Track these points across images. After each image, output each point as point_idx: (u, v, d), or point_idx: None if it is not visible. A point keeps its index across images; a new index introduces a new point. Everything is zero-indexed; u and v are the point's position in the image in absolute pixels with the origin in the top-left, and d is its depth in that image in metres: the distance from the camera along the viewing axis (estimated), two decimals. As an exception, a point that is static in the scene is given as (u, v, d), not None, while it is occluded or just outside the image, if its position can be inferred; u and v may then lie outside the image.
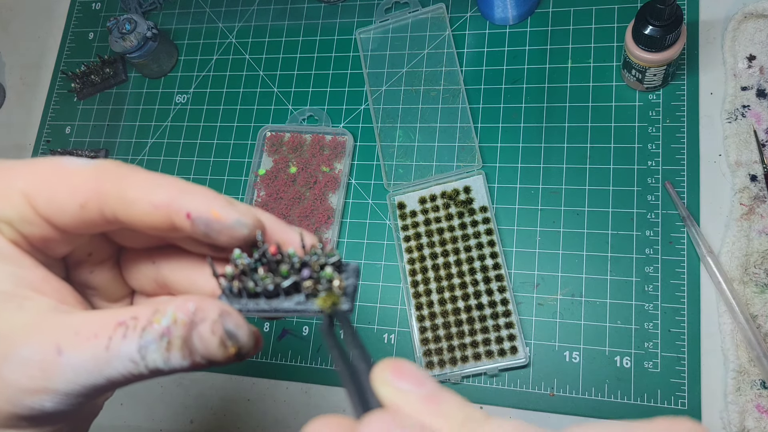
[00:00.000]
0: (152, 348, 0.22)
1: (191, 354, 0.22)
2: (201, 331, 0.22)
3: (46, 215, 0.23)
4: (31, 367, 0.22)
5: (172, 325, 0.22)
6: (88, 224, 0.24)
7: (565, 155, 0.53)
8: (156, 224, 0.23)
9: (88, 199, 0.23)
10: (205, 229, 0.23)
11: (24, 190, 0.23)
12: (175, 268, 0.26)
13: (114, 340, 0.22)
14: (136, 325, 0.22)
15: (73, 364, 0.22)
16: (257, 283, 0.23)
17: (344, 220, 0.56)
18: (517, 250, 0.52)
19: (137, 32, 0.61)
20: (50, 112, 0.69)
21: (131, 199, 0.23)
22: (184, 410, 0.55)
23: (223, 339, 0.21)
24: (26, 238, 0.24)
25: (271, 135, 0.60)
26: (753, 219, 0.48)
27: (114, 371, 0.22)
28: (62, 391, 0.22)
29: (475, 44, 0.58)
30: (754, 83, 0.51)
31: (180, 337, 0.21)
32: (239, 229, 0.23)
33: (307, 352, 0.54)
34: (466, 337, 0.50)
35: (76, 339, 0.22)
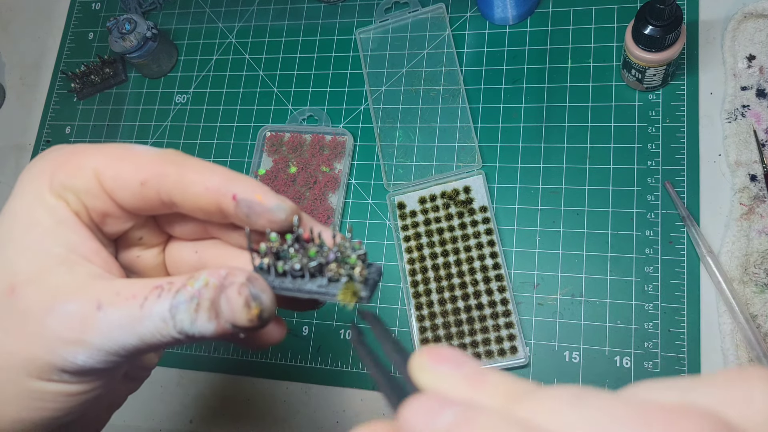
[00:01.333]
0: (182, 308, 0.23)
1: (217, 316, 0.23)
2: (228, 293, 0.23)
3: (110, 189, 0.26)
4: (71, 320, 0.24)
5: (203, 287, 0.24)
6: (145, 202, 0.26)
7: (565, 155, 0.53)
8: (206, 206, 0.25)
9: (148, 178, 0.25)
10: (248, 210, 0.25)
11: (95, 166, 0.26)
12: (215, 259, 0.29)
13: (149, 300, 0.24)
14: (171, 287, 0.24)
15: (108, 320, 0.24)
16: (286, 261, 0.25)
17: (344, 220, 0.56)
18: (517, 250, 0.52)
19: (137, 32, 0.61)
20: (50, 112, 0.69)
21: (188, 181, 0.25)
22: (184, 410, 0.55)
23: (248, 300, 0.23)
24: (89, 210, 0.26)
25: (271, 135, 0.60)
26: (753, 219, 0.48)
27: (145, 330, 0.24)
28: (96, 345, 0.24)
29: (475, 44, 0.58)
30: (753, 83, 0.51)
31: (208, 299, 0.23)
32: (278, 212, 0.25)
33: (306, 351, 0.54)
34: (466, 337, 0.50)
35: (116, 298, 0.24)
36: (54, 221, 0.25)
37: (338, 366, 0.53)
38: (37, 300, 0.24)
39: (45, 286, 0.24)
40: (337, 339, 0.53)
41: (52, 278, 0.24)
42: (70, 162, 0.26)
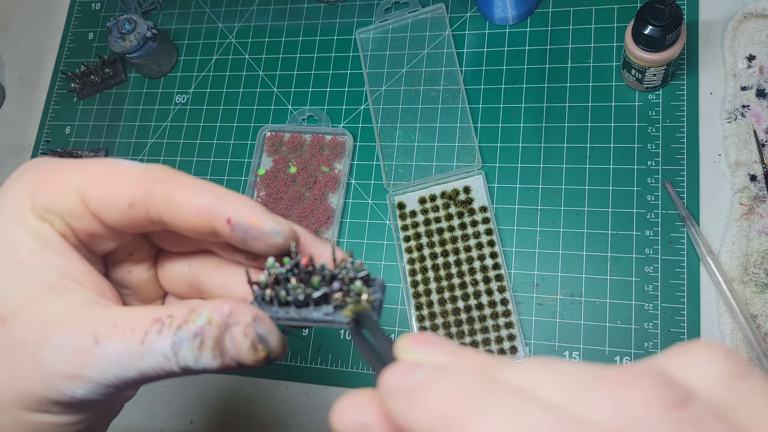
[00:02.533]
0: (185, 346, 0.23)
1: (222, 354, 0.23)
2: (233, 333, 0.23)
3: (96, 211, 0.24)
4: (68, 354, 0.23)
5: (206, 325, 0.23)
6: (134, 223, 0.25)
7: (565, 155, 0.53)
8: (198, 227, 0.24)
9: (136, 199, 0.24)
10: (243, 234, 0.24)
11: (78, 186, 0.24)
12: (210, 273, 0.27)
13: (149, 335, 0.23)
14: (172, 322, 0.23)
15: (108, 355, 0.23)
16: (289, 292, 0.24)
17: (344, 220, 0.56)
18: (517, 250, 0.52)
19: (137, 32, 0.61)
20: (50, 112, 0.69)
21: (177, 201, 0.24)
22: (184, 410, 0.55)
23: (254, 342, 0.23)
24: (75, 232, 0.25)
25: (271, 135, 0.60)
26: (753, 219, 0.48)
27: (146, 365, 0.23)
28: (95, 379, 0.23)
29: (475, 44, 0.58)
30: (753, 83, 0.51)
31: (213, 337, 0.23)
32: (275, 236, 0.24)
33: (306, 352, 0.54)
34: (466, 337, 0.50)
35: (113, 331, 0.23)
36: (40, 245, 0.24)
37: (338, 366, 0.53)
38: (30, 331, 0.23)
39: (37, 315, 0.23)
40: (337, 339, 0.53)
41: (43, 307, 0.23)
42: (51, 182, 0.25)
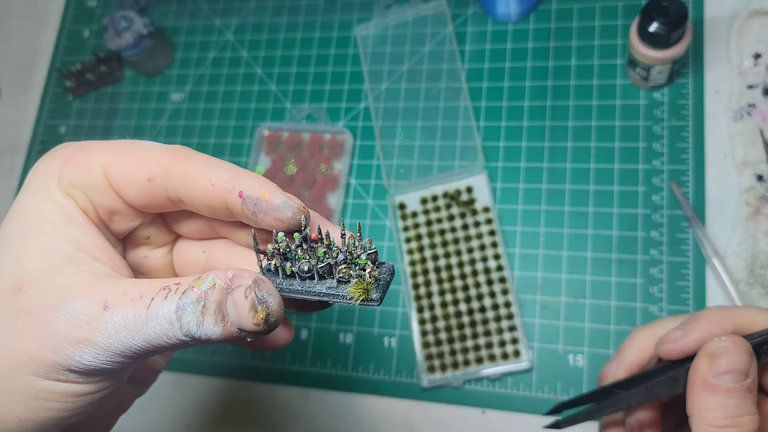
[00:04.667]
0: (189, 310, 0.23)
1: (223, 319, 0.23)
2: (235, 296, 0.23)
3: (117, 186, 0.26)
4: (78, 319, 0.24)
5: (209, 289, 0.23)
6: (152, 199, 0.26)
7: (569, 155, 0.52)
8: (212, 202, 0.25)
9: (155, 174, 0.25)
10: (254, 208, 0.25)
11: (102, 162, 0.26)
12: (223, 258, 0.28)
13: (155, 301, 0.23)
14: (178, 288, 0.24)
15: (115, 321, 0.23)
16: (293, 263, 0.24)
17: (344, 220, 0.55)
18: (520, 252, 0.51)
19: (133, 30, 0.60)
20: (45, 111, 0.68)
21: (193, 177, 0.25)
22: (182, 415, 0.54)
23: (254, 303, 0.23)
24: (96, 208, 0.26)
25: (269, 134, 0.59)
26: (759, 219, 0.47)
27: (151, 331, 0.23)
28: (102, 345, 0.24)
29: (477, 41, 0.57)
30: (760, 81, 0.50)
31: (215, 301, 0.23)
32: (285, 210, 0.25)
33: (306, 355, 0.53)
34: (469, 341, 0.49)
35: (122, 298, 0.24)
36: (62, 219, 0.25)
37: (337, 370, 0.52)
38: (44, 298, 0.24)
39: (52, 284, 0.24)
40: (336, 343, 0.52)
41: (59, 277, 0.24)
42: (78, 158, 0.26)
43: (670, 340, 0.31)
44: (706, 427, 0.27)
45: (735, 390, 0.27)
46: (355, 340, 0.52)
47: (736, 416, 0.27)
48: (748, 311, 0.30)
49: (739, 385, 0.27)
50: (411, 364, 0.50)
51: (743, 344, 0.28)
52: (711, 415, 0.27)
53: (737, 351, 0.28)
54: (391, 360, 0.51)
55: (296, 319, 0.54)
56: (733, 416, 0.27)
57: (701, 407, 0.28)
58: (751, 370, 0.28)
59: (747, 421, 0.27)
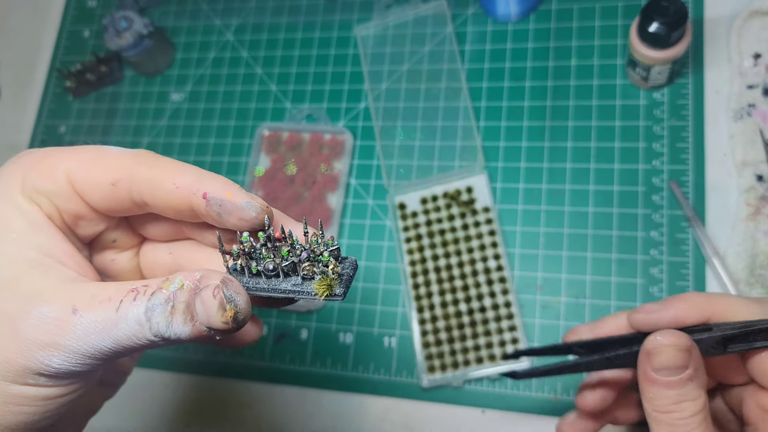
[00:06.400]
0: (158, 311, 0.24)
1: (192, 318, 0.24)
2: (203, 296, 0.24)
3: (81, 191, 0.26)
4: (46, 324, 0.24)
5: (178, 290, 0.24)
6: (117, 203, 0.27)
7: (569, 155, 0.52)
8: (176, 205, 0.26)
9: (119, 179, 0.26)
10: (218, 209, 0.25)
11: (67, 168, 0.26)
12: (190, 260, 0.29)
13: (124, 303, 0.24)
14: (146, 290, 0.24)
15: (84, 324, 0.24)
16: (259, 262, 0.25)
17: (344, 220, 0.55)
18: (520, 251, 0.51)
19: (133, 30, 0.60)
20: (45, 111, 0.68)
21: (158, 180, 0.25)
22: (180, 415, 0.54)
23: (222, 302, 0.23)
24: (61, 214, 0.27)
25: (269, 134, 0.59)
26: (759, 219, 0.47)
27: (121, 333, 0.24)
28: (72, 348, 0.24)
29: (477, 41, 0.57)
30: (760, 81, 0.50)
31: (183, 302, 0.24)
32: (248, 210, 0.25)
33: (304, 355, 0.53)
34: (469, 340, 0.49)
35: (91, 301, 0.24)
36: (27, 225, 0.25)
37: (337, 370, 0.52)
38: (12, 305, 0.24)
39: (19, 290, 0.24)
40: (335, 343, 0.52)
41: (26, 283, 0.24)
42: (42, 165, 0.26)
43: (644, 311, 0.32)
44: (652, 412, 0.30)
45: (674, 383, 0.29)
46: (355, 339, 0.52)
47: (678, 403, 0.29)
48: (727, 299, 0.31)
49: (677, 378, 0.29)
50: (411, 364, 0.50)
51: (678, 342, 0.29)
52: (655, 402, 0.29)
53: (671, 350, 0.29)
54: (391, 360, 0.51)
55: (296, 319, 0.54)
56: (675, 403, 0.29)
57: (646, 394, 0.30)
58: (691, 362, 0.29)
59: (688, 406, 0.29)
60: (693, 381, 0.29)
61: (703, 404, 0.29)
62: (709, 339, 0.30)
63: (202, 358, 0.55)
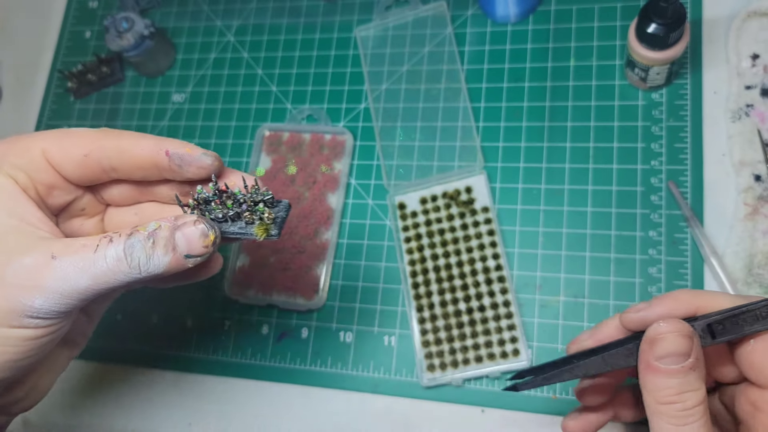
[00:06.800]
0: (137, 247, 0.28)
1: (173, 249, 0.29)
2: (184, 229, 0.29)
3: (57, 163, 0.31)
4: (28, 270, 0.28)
5: (156, 230, 0.29)
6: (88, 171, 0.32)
7: (568, 155, 0.52)
8: (143, 163, 0.31)
9: (90, 150, 0.31)
10: (180, 161, 0.31)
11: (42, 145, 0.31)
12: (154, 216, 0.34)
13: (101, 245, 0.28)
14: (121, 234, 0.29)
15: (63, 266, 0.28)
16: (211, 212, 0.32)
17: (344, 220, 0.56)
18: (519, 251, 0.51)
19: (134, 30, 0.61)
20: (47, 111, 0.68)
21: (125, 146, 0.31)
22: (183, 413, 0.54)
23: (204, 230, 0.29)
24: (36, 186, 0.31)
25: (270, 134, 0.59)
26: (757, 219, 0.48)
27: (99, 270, 0.28)
28: (52, 288, 0.28)
29: (477, 42, 0.58)
30: (758, 82, 0.50)
31: (164, 237, 0.29)
32: (205, 159, 0.32)
33: (305, 354, 0.53)
34: (468, 339, 0.50)
35: (68, 248, 0.28)
36: (5, 196, 0.30)
37: (337, 369, 0.52)
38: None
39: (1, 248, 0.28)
40: (337, 342, 0.53)
41: (5, 242, 0.29)
42: (19, 145, 0.31)
43: (633, 310, 0.33)
44: (654, 403, 0.29)
45: (676, 371, 0.29)
46: (355, 338, 0.52)
47: (680, 393, 0.29)
48: (714, 295, 0.31)
49: (680, 366, 0.29)
50: (411, 363, 0.51)
51: (681, 328, 0.29)
52: (656, 393, 0.29)
53: (674, 336, 0.29)
54: (391, 359, 0.51)
55: (297, 318, 0.54)
56: (677, 393, 0.29)
57: (647, 386, 0.30)
58: (693, 350, 0.29)
59: (690, 396, 0.29)
60: (695, 371, 0.29)
61: (703, 396, 0.29)
62: (696, 327, 0.31)
63: (204, 357, 0.55)
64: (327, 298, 0.54)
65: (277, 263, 0.55)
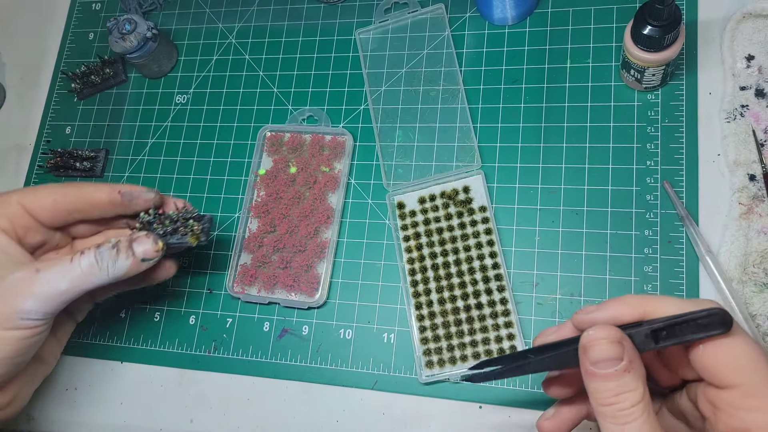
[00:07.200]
0: (105, 254, 0.41)
1: (133, 254, 0.43)
2: (140, 239, 0.43)
3: (30, 210, 0.43)
4: (19, 282, 0.39)
5: (117, 242, 0.42)
6: (58, 214, 0.44)
7: (564, 155, 0.53)
8: (101, 204, 0.45)
9: (57, 197, 0.44)
10: (130, 197, 0.45)
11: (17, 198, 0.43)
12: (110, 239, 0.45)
13: (75, 256, 0.41)
14: (90, 248, 0.41)
15: (46, 276, 0.40)
16: (154, 230, 0.46)
17: (344, 219, 0.56)
18: (516, 250, 0.52)
19: (137, 32, 0.61)
20: (50, 112, 0.69)
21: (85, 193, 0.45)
22: (184, 410, 0.55)
23: (155, 239, 0.44)
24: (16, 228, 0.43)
25: (271, 135, 0.60)
26: (752, 218, 0.48)
27: (75, 275, 0.40)
28: (39, 293, 0.39)
29: (474, 44, 0.58)
30: (752, 83, 0.51)
31: (125, 246, 0.42)
32: (148, 194, 0.46)
33: (306, 351, 0.54)
34: (466, 337, 0.50)
35: (48, 263, 0.40)
36: None
37: (338, 366, 0.53)
38: None
39: None
40: (337, 339, 0.53)
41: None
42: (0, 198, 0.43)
43: (584, 312, 0.34)
44: (597, 405, 0.31)
45: (611, 375, 0.30)
46: (355, 335, 0.53)
47: (617, 395, 0.30)
48: (661, 299, 0.32)
49: (614, 370, 0.30)
50: (410, 360, 0.51)
51: (609, 334, 0.31)
52: (597, 395, 0.31)
53: (605, 342, 0.31)
54: (391, 356, 0.52)
55: (297, 316, 0.55)
56: (615, 395, 0.30)
57: (589, 389, 0.31)
58: (625, 353, 0.30)
59: (628, 397, 0.30)
60: (630, 372, 0.30)
61: (641, 395, 0.30)
62: (639, 333, 0.31)
63: (206, 354, 0.56)
64: (327, 295, 0.55)
65: (279, 261, 0.56)
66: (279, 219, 0.57)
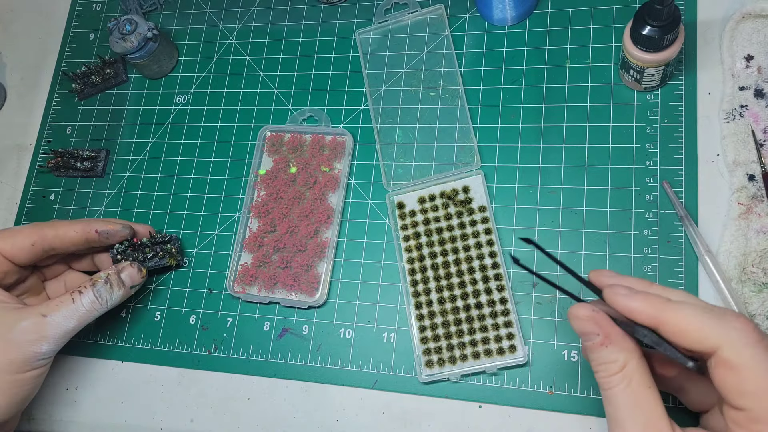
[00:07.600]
0: (102, 290, 0.47)
1: (123, 285, 0.49)
2: (126, 270, 0.50)
3: (9, 254, 0.47)
4: (29, 329, 0.44)
5: (107, 276, 0.48)
6: (35, 255, 0.48)
7: (564, 155, 0.53)
8: (77, 241, 0.50)
9: (35, 240, 0.48)
10: (106, 235, 0.51)
11: None
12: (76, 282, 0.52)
13: (75, 296, 0.46)
14: (86, 286, 0.47)
15: (56, 320, 0.44)
16: (132, 257, 0.53)
17: (344, 219, 0.57)
18: (516, 250, 0.52)
19: (138, 33, 0.61)
20: (51, 112, 0.69)
21: (62, 232, 0.49)
22: (184, 409, 0.55)
23: (139, 267, 0.51)
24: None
25: (271, 135, 0.60)
26: (751, 218, 0.48)
27: (80, 313, 0.46)
28: (51, 335, 0.44)
29: (474, 45, 0.58)
30: (751, 83, 0.51)
31: (116, 279, 0.48)
32: (124, 231, 0.52)
33: (306, 350, 0.54)
34: (465, 336, 0.50)
35: (50, 307, 0.45)
36: None
37: (338, 365, 0.53)
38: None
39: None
40: (337, 338, 0.54)
41: None
42: None
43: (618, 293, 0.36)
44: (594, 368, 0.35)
45: (590, 347, 0.35)
46: (355, 335, 0.53)
47: (600, 364, 0.35)
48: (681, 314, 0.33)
49: (591, 344, 0.35)
50: (410, 360, 0.51)
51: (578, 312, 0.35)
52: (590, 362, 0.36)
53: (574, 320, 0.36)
54: (391, 355, 0.52)
55: (297, 315, 0.55)
56: (598, 364, 0.35)
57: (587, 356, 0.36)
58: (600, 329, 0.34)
59: (608, 367, 0.34)
60: (607, 346, 0.34)
61: (620, 367, 0.34)
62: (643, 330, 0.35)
63: (206, 354, 0.56)
64: (327, 295, 0.55)
65: (279, 261, 0.56)
66: (279, 219, 0.57)
